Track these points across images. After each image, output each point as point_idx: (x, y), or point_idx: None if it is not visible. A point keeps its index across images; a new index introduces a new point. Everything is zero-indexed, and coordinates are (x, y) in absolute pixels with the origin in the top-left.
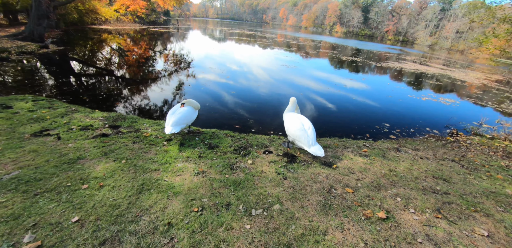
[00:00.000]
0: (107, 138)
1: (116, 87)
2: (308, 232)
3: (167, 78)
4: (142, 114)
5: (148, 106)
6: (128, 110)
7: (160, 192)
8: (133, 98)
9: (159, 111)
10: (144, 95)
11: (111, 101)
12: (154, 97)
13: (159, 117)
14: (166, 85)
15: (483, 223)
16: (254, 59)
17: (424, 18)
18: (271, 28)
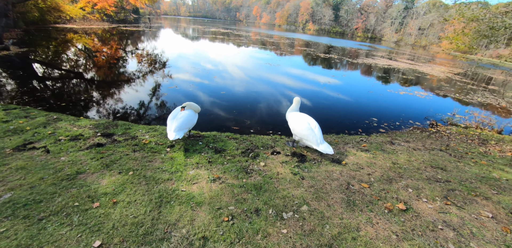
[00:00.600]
0: (103, 148)
1: (97, 91)
2: (343, 230)
3: (151, 80)
4: (132, 119)
5: (137, 110)
6: (116, 116)
7: (181, 204)
8: (118, 102)
9: (150, 115)
10: (129, 98)
11: (94, 106)
12: (141, 100)
13: (152, 122)
14: (150, 87)
15: (485, 206)
16: (236, 59)
17: (389, 16)
18: (245, 26)
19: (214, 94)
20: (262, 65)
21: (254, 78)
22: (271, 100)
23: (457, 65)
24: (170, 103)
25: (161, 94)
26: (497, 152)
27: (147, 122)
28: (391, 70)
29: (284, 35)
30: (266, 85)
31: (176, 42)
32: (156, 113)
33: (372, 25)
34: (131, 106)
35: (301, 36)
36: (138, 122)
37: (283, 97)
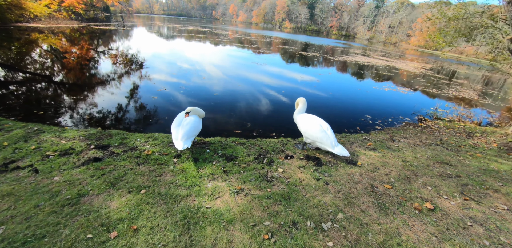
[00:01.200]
0: (102, 163)
1: (78, 97)
2: (386, 237)
3: (136, 83)
4: (125, 127)
5: (128, 117)
6: (105, 124)
7: (212, 224)
8: (104, 108)
9: (143, 121)
10: (116, 103)
11: (78, 114)
12: (129, 105)
13: (147, 129)
14: (137, 91)
15: (498, 199)
16: (220, 58)
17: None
18: (222, 25)
19: (207, 96)
20: (248, 65)
21: (243, 78)
22: (267, 101)
23: (425, 60)
24: (162, 107)
25: (151, 98)
26: (484, 144)
27: (142, 130)
28: (371, 67)
29: (263, 33)
30: (258, 86)
31: (155, 42)
32: (150, 119)
33: (346, 23)
34: (120, 112)
35: (279, 34)
36: (132, 130)
37: (277, 97)
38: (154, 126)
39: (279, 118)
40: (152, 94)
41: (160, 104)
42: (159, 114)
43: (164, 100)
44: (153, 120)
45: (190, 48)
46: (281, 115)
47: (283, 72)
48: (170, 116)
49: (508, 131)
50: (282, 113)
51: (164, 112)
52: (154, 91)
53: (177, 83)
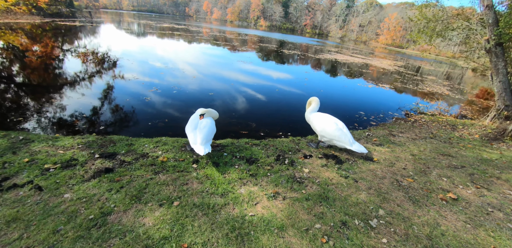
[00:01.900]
0: (115, 174)
1: (62, 99)
2: (430, 228)
3: (124, 83)
4: (125, 131)
5: (125, 120)
6: (100, 128)
7: (264, 233)
8: (96, 111)
9: (143, 124)
10: (108, 105)
11: (63, 118)
12: (122, 107)
13: (149, 132)
14: (128, 91)
15: (502, 185)
16: (208, 57)
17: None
18: (197, 22)
19: (202, 96)
20: (234, 64)
21: (233, 77)
22: (265, 100)
23: (395, 58)
24: (158, 108)
25: (143, 99)
26: (468, 135)
27: (144, 134)
28: (351, 65)
29: (241, 31)
30: (252, 85)
31: (133, 40)
32: (149, 122)
33: (319, 22)
34: (114, 116)
35: (256, 33)
36: (133, 134)
37: (274, 96)
38: (155, 130)
39: (281, 117)
40: (143, 95)
41: (155, 105)
42: (157, 116)
43: (159, 101)
44: (153, 123)
45: (171, 46)
46: (282, 113)
47: (271, 71)
48: (169, 118)
49: (485, 123)
50: (283, 111)
51: (162, 114)
52: (145, 91)
53: (168, 83)
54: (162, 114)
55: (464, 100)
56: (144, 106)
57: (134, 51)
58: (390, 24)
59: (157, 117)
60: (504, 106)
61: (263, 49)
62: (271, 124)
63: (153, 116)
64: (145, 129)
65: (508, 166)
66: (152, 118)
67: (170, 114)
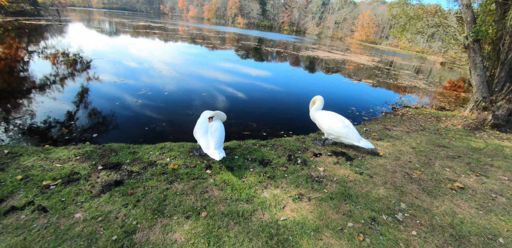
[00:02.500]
0: (127, 187)
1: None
2: (450, 218)
3: (111, 85)
4: (120, 138)
5: (119, 125)
6: (94, 137)
7: (302, 237)
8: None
9: (138, 129)
10: (96, 110)
11: (49, 126)
12: (112, 111)
13: (150, 139)
14: (116, 94)
15: (497, 172)
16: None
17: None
18: (173, 20)
19: (196, 97)
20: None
21: (221, 76)
22: (259, 99)
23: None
24: (153, 111)
25: (134, 102)
26: (452, 126)
27: (143, 140)
28: (332, 61)
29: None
30: (242, 84)
31: (108, 39)
32: (146, 127)
33: (296, 19)
34: (106, 121)
35: (235, 30)
36: (131, 141)
37: (268, 95)
38: (154, 135)
39: (279, 115)
40: (133, 98)
41: (149, 108)
42: (152, 120)
43: (151, 104)
44: (150, 128)
45: (152, 46)
46: (278, 112)
47: (259, 70)
48: (166, 121)
49: (464, 114)
50: (279, 109)
51: (158, 118)
52: (134, 94)
53: (157, 84)
54: (158, 118)
55: (439, 93)
56: (137, 110)
57: (114, 52)
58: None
59: (153, 121)
60: (482, 98)
61: (246, 47)
62: (270, 123)
63: (149, 120)
64: (143, 135)
65: (495, 154)
66: (148, 123)
67: (166, 117)
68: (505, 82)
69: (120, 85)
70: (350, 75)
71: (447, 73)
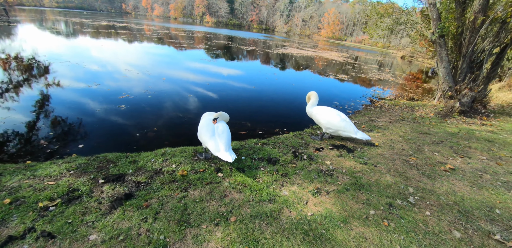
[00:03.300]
0: (139, 200)
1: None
2: (453, 196)
3: (88, 90)
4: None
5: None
6: (79, 147)
7: (334, 229)
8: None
9: (129, 136)
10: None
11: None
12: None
13: (144, 145)
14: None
15: (475, 152)
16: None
17: (278, 9)
18: (138, 19)
19: (182, 99)
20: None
21: (203, 76)
22: (247, 98)
23: (338, 50)
24: (138, 116)
25: (117, 107)
26: (425, 114)
27: (137, 147)
28: (306, 58)
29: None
30: (225, 84)
31: (72, 41)
32: (137, 133)
33: (264, 17)
34: (90, 130)
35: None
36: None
37: (255, 93)
38: (148, 141)
39: (269, 113)
40: (115, 103)
41: (134, 113)
42: (142, 125)
43: (137, 109)
44: (141, 134)
45: (122, 47)
46: (268, 109)
47: (238, 69)
48: (157, 126)
49: (434, 103)
50: (268, 107)
51: (147, 122)
52: (115, 99)
53: (137, 87)
54: (147, 123)
55: (405, 84)
56: (122, 115)
57: (79, 55)
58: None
59: (143, 127)
60: (448, 88)
61: (220, 46)
62: (263, 121)
63: (138, 126)
64: (135, 142)
65: (469, 137)
66: (137, 129)
67: (156, 122)
68: (467, 72)
69: (96, 90)
70: (326, 71)
71: (407, 66)
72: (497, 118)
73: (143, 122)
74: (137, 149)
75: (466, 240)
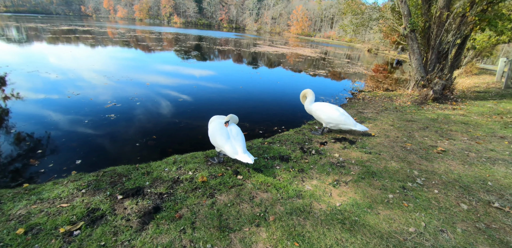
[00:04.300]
0: (168, 212)
1: None
2: (452, 175)
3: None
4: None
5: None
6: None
7: (365, 216)
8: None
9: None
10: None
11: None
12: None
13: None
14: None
15: (457, 134)
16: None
17: (247, 8)
18: (101, 22)
19: (174, 103)
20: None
21: (187, 78)
22: (237, 98)
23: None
24: (131, 125)
25: (107, 117)
26: (403, 103)
27: (141, 157)
28: (282, 55)
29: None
30: (216, 85)
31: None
32: (136, 143)
33: (234, 16)
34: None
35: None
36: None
37: (244, 93)
38: (151, 150)
39: (264, 112)
40: (103, 112)
41: (127, 122)
42: (139, 134)
43: (128, 117)
44: (141, 143)
45: (93, 53)
46: (261, 109)
47: (221, 70)
48: (156, 133)
49: (408, 92)
50: (261, 107)
51: (144, 131)
52: (101, 108)
53: (122, 95)
54: (144, 131)
55: (376, 76)
56: (114, 125)
57: (50, 63)
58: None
59: (141, 135)
60: (420, 77)
61: (194, 47)
62: (260, 121)
63: (135, 135)
64: (137, 152)
65: (448, 121)
66: (135, 138)
67: (153, 129)
68: (435, 63)
69: (78, 100)
70: (304, 67)
71: (373, 58)
72: (464, 103)
73: (139, 131)
74: (142, 159)
75: (472, 211)
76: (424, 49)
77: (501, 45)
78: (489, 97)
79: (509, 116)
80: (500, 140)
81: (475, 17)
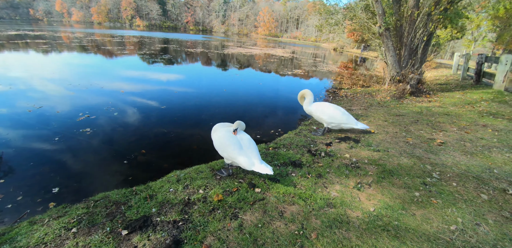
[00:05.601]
0: (192, 245)
1: None
2: (461, 165)
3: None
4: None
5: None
6: (53, 193)
7: (402, 218)
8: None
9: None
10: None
11: None
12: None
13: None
14: (53, 125)
15: (446, 126)
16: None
17: (213, 9)
18: (54, 26)
19: (156, 112)
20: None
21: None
22: (224, 102)
23: (279, 46)
24: (113, 140)
25: (82, 132)
26: (383, 98)
27: (133, 177)
28: (256, 56)
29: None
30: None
31: None
32: (124, 160)
33: (200, 18)
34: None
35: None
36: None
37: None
38: (142, 168)
39: (255, 115)
40: (76, 127)
41: (107, 136)
42: (124, 150)
43: (106, 130)
44: (129, 160)
45: (50, 60)
46: (252, 112)
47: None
48: (144, 147)
49: (385, 88)
50: (251, 110)
51: (129, 145)
52: (73, 122)
53: (95, 105)
54: (130, 145)
55: (345, 73)
56: (92, 141)
57: None
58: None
59: (127, 151)
60: (396, 73)
61: (162, 51)
62: (254, 125)
63: (120, 151)
64: (127, 171)
65: (432, 113)
66: (121, 154)
67: (140, 143)
68: (408, 59)
69: (41, 113)
70: (281, 68)
71: (339, 56)
72: (436, 95)
73: (124, 146)
74: (136, 179)
75: (493, 200)
76: (397, 46)
77: (448, 41)
78: (453, 89)
79: (478, 105)
80: (484, 129)
81: (439, 16)
